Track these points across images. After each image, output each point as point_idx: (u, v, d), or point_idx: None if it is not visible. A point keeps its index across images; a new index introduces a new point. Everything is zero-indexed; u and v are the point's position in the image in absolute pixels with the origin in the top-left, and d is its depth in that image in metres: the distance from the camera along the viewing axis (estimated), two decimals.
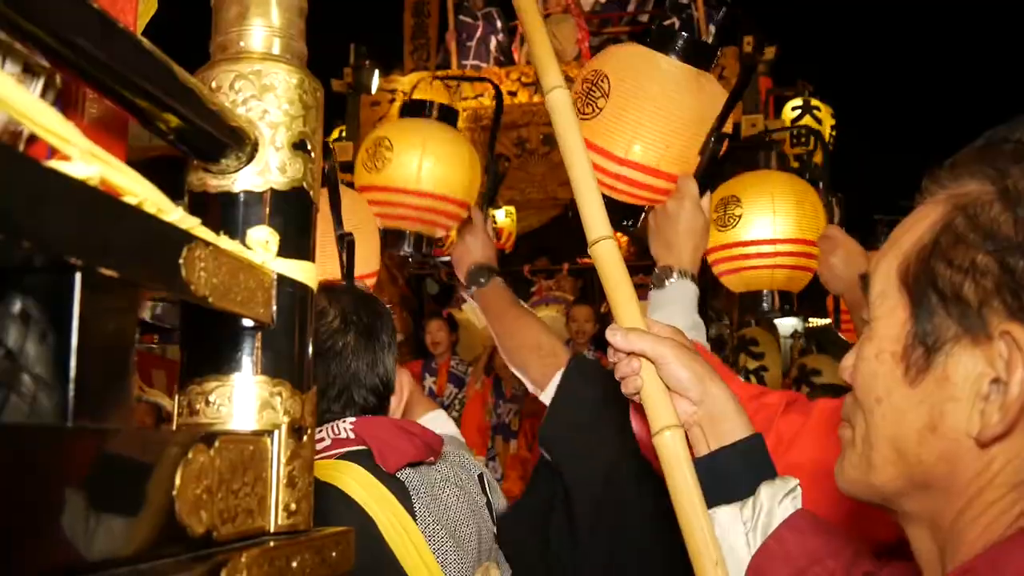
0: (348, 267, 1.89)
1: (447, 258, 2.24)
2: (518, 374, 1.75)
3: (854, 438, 0.75)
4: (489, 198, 2.28)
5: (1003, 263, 0.64)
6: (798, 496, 0.92)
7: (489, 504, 1.43)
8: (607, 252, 1.07)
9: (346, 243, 1.84)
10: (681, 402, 0.98)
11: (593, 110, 1.68)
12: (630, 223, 1.67)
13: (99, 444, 0.42)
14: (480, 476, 1.45)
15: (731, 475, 0.95)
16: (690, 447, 0.98)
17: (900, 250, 0.72)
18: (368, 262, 2.36)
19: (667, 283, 1.52)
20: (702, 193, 1.58)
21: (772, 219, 2.50)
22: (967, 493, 0.67)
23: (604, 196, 1.75)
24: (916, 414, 0.68)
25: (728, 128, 1.59)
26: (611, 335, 1.02)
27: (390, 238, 2.34)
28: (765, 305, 2.54)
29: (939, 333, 0.66)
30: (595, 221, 1.08)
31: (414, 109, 2.50)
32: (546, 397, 1.62)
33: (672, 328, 1.06)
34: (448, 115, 2.46)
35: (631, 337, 1.00)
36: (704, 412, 0.97)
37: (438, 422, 1.72)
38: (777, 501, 0.91)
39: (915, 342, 0.68)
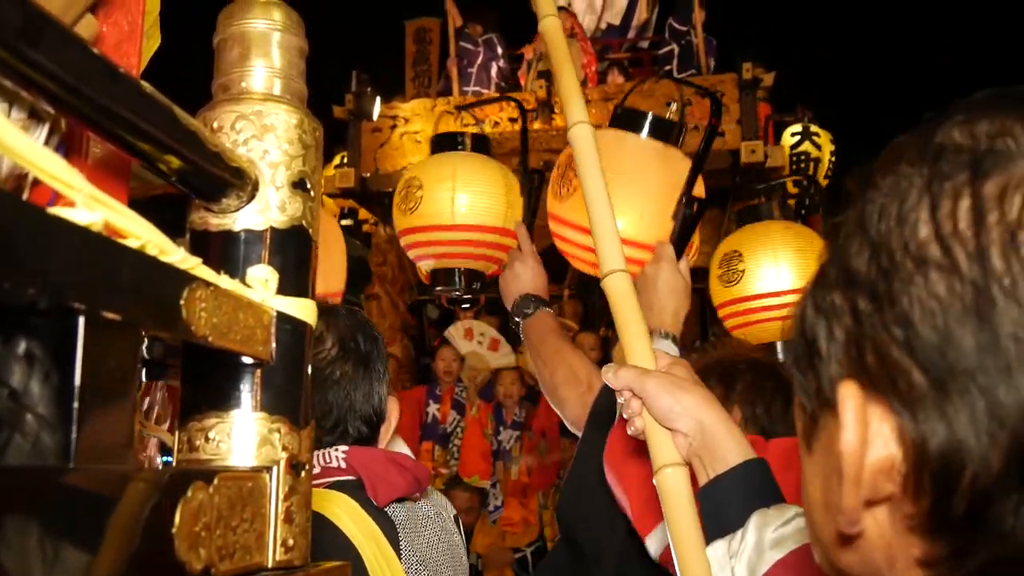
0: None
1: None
2: (559, 412, 1.68)
3: None
4: (528, 216, 2.22)
5: (855, 308, 0.46)
6: (793, 526, 0.87)
7: (465, 545, 1.41)
8: (619, 285, 1.05)
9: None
10: (676, 436, 0.95)
11: (568, 190, 1.78)
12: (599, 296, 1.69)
13: (100, 484, 0.42)
14: (455, 517, 1.43)
15: (726, 503, 0.91)
16: (694, 483, 0.95)
17: None
18: (330, 281, 2.33)
19: None
20: (679, 256, 1.62)
21: (776, 271, 2.49)
22: None
23: (580, 273, 1.81)
24: (814, 487, 0.52)
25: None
26: (605, 373, 0.99)
27: (441, 277, 2.28)
28: (780, 356, 2.54)
29: (812, 395, 0.51)
30: (610, 253, 1.07)
31: (443, 144, 2.42)
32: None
33: (673, 360, 1.02)
34: (480, 144, 2.40)
35: (620, 374, 0.97)
36: (699, 442, 0.93)
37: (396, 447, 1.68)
38: (768, 532, 0.86)
39: (800, 405, 0.53)
